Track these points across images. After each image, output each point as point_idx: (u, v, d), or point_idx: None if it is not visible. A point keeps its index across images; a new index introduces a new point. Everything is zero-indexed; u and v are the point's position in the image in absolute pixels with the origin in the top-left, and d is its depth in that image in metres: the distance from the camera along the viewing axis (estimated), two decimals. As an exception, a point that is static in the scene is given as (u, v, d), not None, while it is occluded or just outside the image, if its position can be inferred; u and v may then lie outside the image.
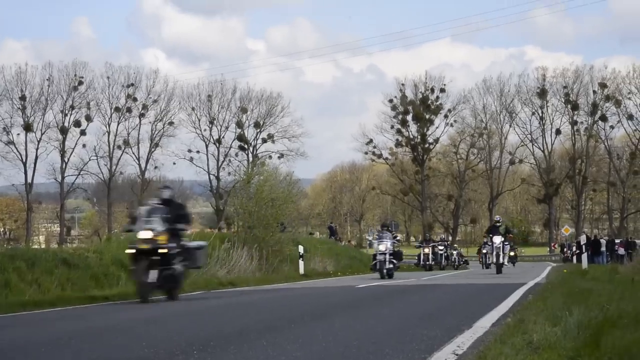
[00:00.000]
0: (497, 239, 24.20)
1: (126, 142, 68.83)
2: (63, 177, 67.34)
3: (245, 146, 70.98)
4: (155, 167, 70.78)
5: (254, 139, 71.53)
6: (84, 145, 67.77)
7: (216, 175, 70.96)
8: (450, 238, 65.33)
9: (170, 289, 13.04)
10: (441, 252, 37.66)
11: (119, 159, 69.05)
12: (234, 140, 71.04)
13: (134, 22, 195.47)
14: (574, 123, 70.82)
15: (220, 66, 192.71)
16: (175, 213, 13.10)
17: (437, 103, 72.41)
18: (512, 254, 23.79)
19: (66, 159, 67.10)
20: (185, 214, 13.60)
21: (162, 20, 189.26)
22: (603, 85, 69.08)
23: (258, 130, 71.16)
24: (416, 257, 38.82)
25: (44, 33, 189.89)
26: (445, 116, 72.57)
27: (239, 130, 70.85)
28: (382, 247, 21.83)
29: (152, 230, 12.50)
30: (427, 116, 72.18)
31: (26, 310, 11.75)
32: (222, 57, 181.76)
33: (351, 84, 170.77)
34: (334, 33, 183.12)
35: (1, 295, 13.27)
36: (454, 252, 42.90)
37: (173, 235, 12.82)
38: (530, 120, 72.03)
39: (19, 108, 65.02)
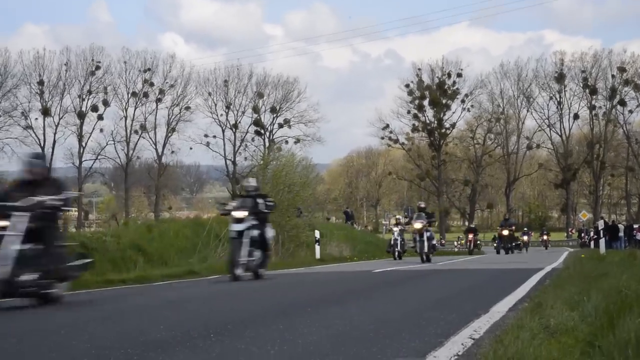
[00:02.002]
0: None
1: (143, 127, 69.11)
2: (81, 162, 67.77)
3: (262, 131, 71.10)
4: (172, 152, 71.20)
5: (270, 124, 71.67)
6: (101, 130, 68.24)
7: (232, 160, 71.15)
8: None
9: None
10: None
11: (136, 143, 69.45)
12: (250, 125, 71.23)
13: (152, 6, 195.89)
14: (592, 108, 70.37)
15: (238, 51, 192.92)
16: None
17: (454, 88, 72.12)
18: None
19: (84, 144, 67.57)
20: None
21: (181, 5, 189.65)
22: (622, 70, 68.54)
23: (274, 115, 71.24)
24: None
25: (63, 17, 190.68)
26: (462, 101, 72.31)
27: (255, 115, 70.97)
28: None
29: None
30: (444, 101, 71.93)
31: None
32: (240, 41, 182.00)
33: (368, 69, 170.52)
34: (352, 18, 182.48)
35: (20, 279, 13.38)
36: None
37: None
38: (547, 105, 71.76)
39: (37, 93, 65.45)
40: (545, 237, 53.07)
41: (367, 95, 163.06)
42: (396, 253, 27.16)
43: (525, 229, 54.03)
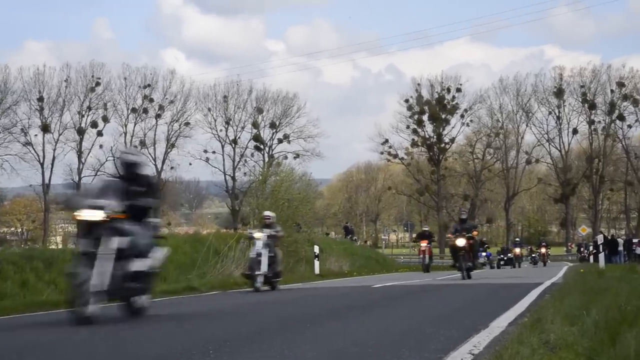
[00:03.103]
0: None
1: (142, 143, 69.12)
2: (80, 178, 67.69)
3: (261, 146, 71.10)
4: (172, 168, 71.09)
5: (269, 140, 71.66)
6: (100, 146, 68.17)
7: (232, 175, 71.10)
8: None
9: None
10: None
11: (136, 159, 69.33)
12: (250, 140, 71.20)
13: (154, 23, 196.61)
14: (591, 122, 70.44)
15: (240, 66, 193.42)
16: None
17: (453, 103, 72.20)
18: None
19: (83, 160, 67.51)
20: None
21: (182, 21, 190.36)
22: (621, 84, 68.67)
23: (274, 130, 71.26)
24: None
25: (65, 34, 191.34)
26: (462, 116, 72.36)
27: (254, 131, 70.97)
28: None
29: None
30: (443, 116, 71.98)
31: (43, 310, 11.82)
32: (242, 57, 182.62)
33: (369, 84, 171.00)
34: (353, 33, 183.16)
35: (19, 295, 13.37)
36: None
37: None
38: (547, 120, 71.77)
39: (36, 109, 65.47)
40: (543, 251, 46.50)
41: (368, 111, 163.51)
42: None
43: (517, 239, 52.20)
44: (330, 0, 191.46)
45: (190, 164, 71.48)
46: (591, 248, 43.29)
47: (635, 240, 46.50)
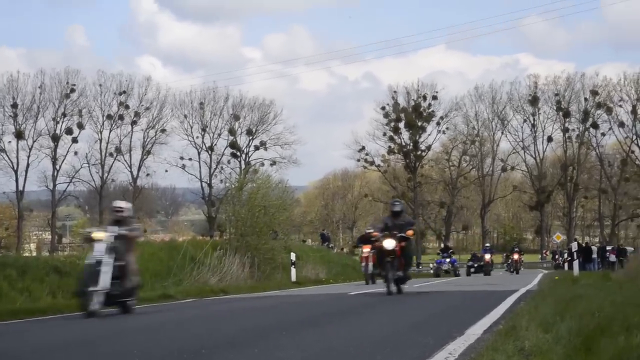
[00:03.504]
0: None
1: (118, 150, 68.73)
2: (54, 185, 67.17)
3: (238, 153, 70.98)
4: (147, 175, 70.75)
5: (246, 147, 71.56)
6: (75, 153, 67.70)
7: (208, 182, 70.88)
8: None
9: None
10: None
11: (111, 166, 68.97)
12: (226, 147, 71.06)
13: (129, 30, 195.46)
14: (565, 130, 71.07)
15: (216, 73, 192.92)
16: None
17: (429, 110, 72.53)
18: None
19: (58, 167, 66.98)
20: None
21: (158, 28, 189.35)
22: (594, 93, 69.36)
23: (250, 137, 71.17)
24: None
25: (40, 42, 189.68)
26: (438, 123, 72.68)
27: (231, 138, 70.84)
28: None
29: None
30: (419, 123, 72.27)
31: (17, 318, 11.71)
32: (218, 64, 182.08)
33: (346, 91, 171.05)
34: (330, 41, 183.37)
35: (-8, 304, 13.21)
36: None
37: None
38: (522, 128, 72.29)
39: (10, 116, 64.90)
40: (516, 257, 41.63)
41: (345, 118, 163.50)
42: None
43: (488, 245, 46.06)
44: (307, 7, 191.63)
45: (166, 170, 71.22)
46: (566, 255, 43.62)
47: (609, 248, 46.97)
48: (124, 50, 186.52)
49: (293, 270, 25.45)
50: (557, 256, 53.50)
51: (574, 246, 26.50)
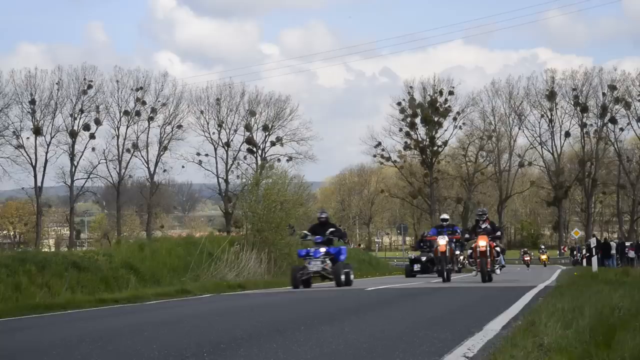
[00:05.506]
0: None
1: (135, 146, 69.02)
2: (72, 181, 67.58)
3: (254, 149, 71.09)
4: (164, 171, 71.07)
5: (262, 142, 71.68)
6: (93, 149, 68.12)
7: (225, 178, 71.07)
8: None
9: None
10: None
11: (128, 162, 69.34)
12: (243, 143, 71.21)
13: (148, 26, 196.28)
14: (583, 125, 70.67)
15: (234, 69, 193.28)
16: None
17: (446, 106, 72.35)
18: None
19: (75, 163, 67.38)
20: None
21: (177, 24, 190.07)
22: (612, 88, 68.91)
23: (266, 133, 71.27)
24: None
25: (60, 37, 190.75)
26: (454, 119, 72.50)
27: (247, 134, 70.97)
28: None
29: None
30: (436, 119, 72.11)
31: (36, 313, 11.80)
32: (236, 60, 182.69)
33: (363, 87, 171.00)
34: (347, 36, 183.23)
35: (12, 299, 13.34)
36: None
37: None
38: (539, 123, 72.04)
39: (28, 112, 65.38)
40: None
41: (362, 114, 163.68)
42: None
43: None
44: (324, 3, 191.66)
45: (183, 166, 71.57)
46: (584, 251, 43.39)
47: (627, 244, 46.63)
48: (142, 46, 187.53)
49: (310, 266, 25.41)
50: (575, 252, 53.20)
51: (593, 242, 26.31)
